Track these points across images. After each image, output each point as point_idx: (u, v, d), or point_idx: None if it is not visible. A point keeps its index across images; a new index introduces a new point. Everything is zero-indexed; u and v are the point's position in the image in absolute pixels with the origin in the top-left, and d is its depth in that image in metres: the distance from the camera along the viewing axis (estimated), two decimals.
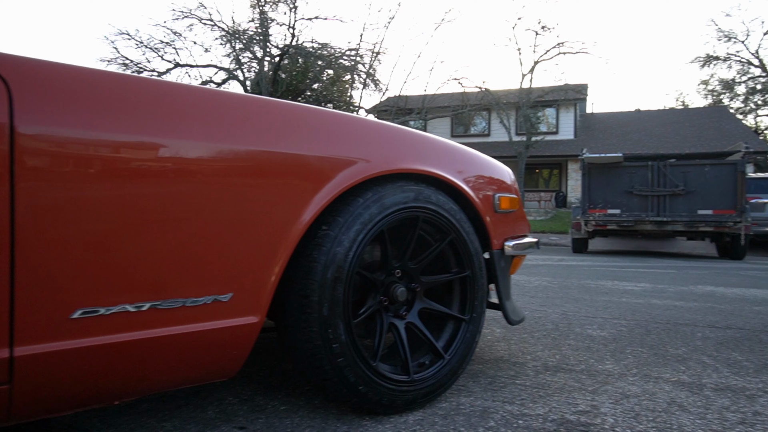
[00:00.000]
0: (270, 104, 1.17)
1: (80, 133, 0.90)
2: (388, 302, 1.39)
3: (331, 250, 1.21)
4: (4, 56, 0.87)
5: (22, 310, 0.87)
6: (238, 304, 1.10)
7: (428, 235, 1.47)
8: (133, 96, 0.98)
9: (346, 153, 1.24)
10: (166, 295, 1.01)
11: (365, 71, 19.27)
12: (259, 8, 18.73)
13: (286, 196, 1.14)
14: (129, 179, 0.95)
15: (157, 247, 0.98)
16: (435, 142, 1.51)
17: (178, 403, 1.41)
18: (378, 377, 1.27)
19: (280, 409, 1.37)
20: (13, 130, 0.84)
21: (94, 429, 1.24)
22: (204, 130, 1.04)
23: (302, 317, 1.20)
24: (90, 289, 0.92)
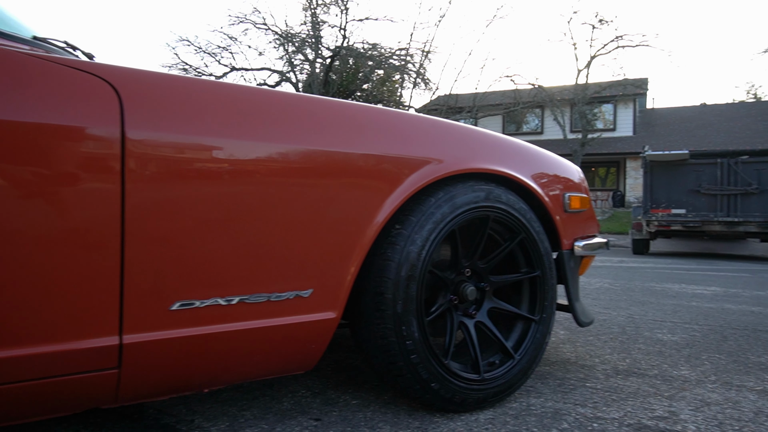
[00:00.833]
0: (348, 107, 1.21)
1: (180, 138, 0.97)
2: (457, 301, 1.40)
3: (404, 248, 1.23)
4: (115, 68, 0.95)
5: (129, 302, 0.94)
6: (318, 299, 1.15)
7: (497, 235, 1.46)
8: (226, 102, 1.04)
9: (420, 153, 1.26)
10: (253, 289, 1.06)
11: (415, 70, 19.26)
12: (311, 11, 19.11)
13: (364, 195, 1.17)
14: (222, 181, 1.01)
15: (246, 244, 1.04)
16: (505, 142, 1.51)
17: (254, 394, 1.48)
18: (450, 375, 1.29)
19: (351, 403, 1.41)
20: (124, 136, 0.91)
21: (180, 415, 1.32)
22: (290, 133, 1.09)
23: (376, 314, 1.23)
24: (187, 283, 0.99)
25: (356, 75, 20.26)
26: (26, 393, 0.91)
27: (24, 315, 0.86)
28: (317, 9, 19.04)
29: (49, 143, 0.86)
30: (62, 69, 0.90)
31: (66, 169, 0.87)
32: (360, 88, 20.71)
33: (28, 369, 0.89)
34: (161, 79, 1.00)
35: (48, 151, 0.86)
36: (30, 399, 0.93)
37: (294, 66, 20.49)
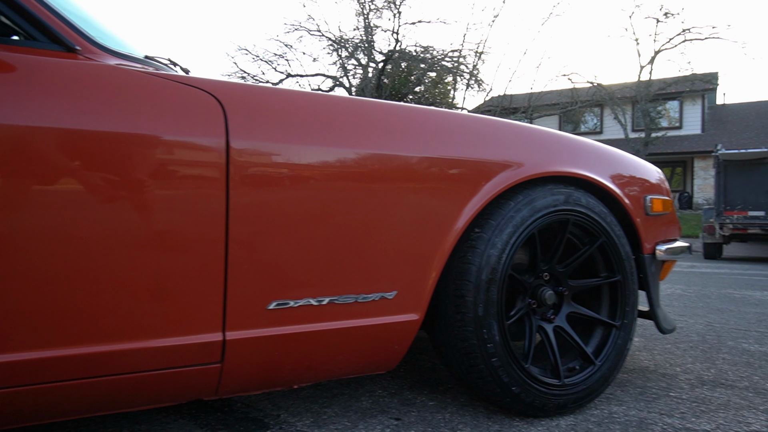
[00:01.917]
0: (432, 113, 1.23)
1: (276, 146, 1.02)
2: (536, 305, 1.39)
3: (485, 252, 1.24)
4: (218, 82, 1.01)
5: (231, 301, 1.00)
6: (402, 301, 1.17)
7: (576, 239, 1.44)
8: (317, 110, 1.09)
9: (500, 157, 1.26)
10: (342, 291, 1.11)
11: (468, 72, 19.08)
12: (364, 16, 19.36)
13: (446, 199, 1.19)
14: (315, 187, 1.05)
15: (336, 247, 1.08)
16: (583, 144, 1.48)
17: (333, 392, 1.53)
18: (530, 379, 1.28)
19: (429, 404, 1.43)
20: (228, 146, 0.97)
21: (266, 410, 1.39)
22: (377, 139, 1.13)
23: (457, 317, 1.24)
24: (283, 283, 1.04)
25: (408, 78, 20.31)
26: (138, 383, 0.99)
27: (141, 311, 0.94)
28: (370, 14, 19.27)
29: (165, 154, 0.93)
30: (175, 85, 0.97)
31: (178, 177, 0.94)
32: (412, 91, 20.74)
33: (141, 361, 0.97)
34: (258, 91, 1.06)
35: (164, 161, 0.93)
36: (141, 389, 1.01)
37: (347, 71, 20.81)
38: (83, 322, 0.90)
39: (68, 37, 0.95)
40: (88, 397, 0.97)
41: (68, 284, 0.88)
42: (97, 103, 0.90)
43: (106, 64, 0.96)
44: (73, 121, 0.87)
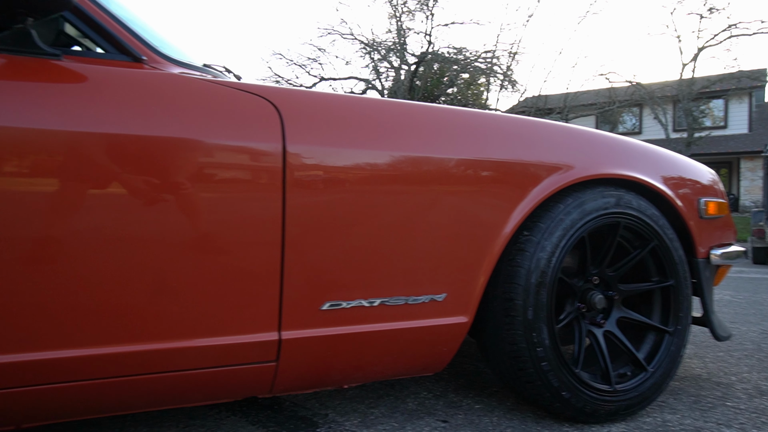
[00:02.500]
0: (479, 116, 1.24)
1: (330, 150, 1.04)
2: (585, 309, 1.37)
3: (534, 255, 1.23)
4: (275, 88, 1.04)
5: (287, 301, 1.03)
6: (451, 304, 1.18)
7: (626, 242, 1.41)
8: (368, 115, 1.11)
9: (550, 159, 1.25)
10: (393, 292, 1.12)
11: (502, 72, 18.87)
12: (396, 18, 19.41)
13: (496, 202, 1.19)
14: (366, 190, 1.07)
15: (388, 249, 1.10)
16: (633, 145, 1.45)
17: (378, 393, 1.54)
18: (580, 384, 1.26)
19: (475, 408, 1.43)
20: (285, 150, 1.00)
21: (314, 409, 1.41)
22: (427, 142, 1.14)
23: (506, 320, 1.24)
24: (336, 285, 1.06)
25: (441, 80, 20.24)
26: (199, 380, 1.03)
27: (203, 311, 0.97)
28: (402, 16, 19.30)
29: (226, 159, 0.97)
30: (234, 92, 1.01)
31: (238, 182, 0.98)
32: (444, 92, 20.66)
33: (203, 358, 1.00)
34: (313, 96, 1.09)
35: (224, 166, 0.97)
36: (201, 385, 1.05)
37: (380, 74, 20.90)
38: (151, 320, 0.94)
39: (135, 48, 0.99)
40: (152, 392, 1.02)
41: (138, 285, 0.92)
42: (162, 110, 0.94)
43: (170, 72, 1.00)
44: (140, 128, 0.92)
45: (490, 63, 19.06)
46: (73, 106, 0.87)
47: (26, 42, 0.88)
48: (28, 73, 0.88)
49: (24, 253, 0.85)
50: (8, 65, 0.88)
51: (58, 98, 0.87)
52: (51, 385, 0.92)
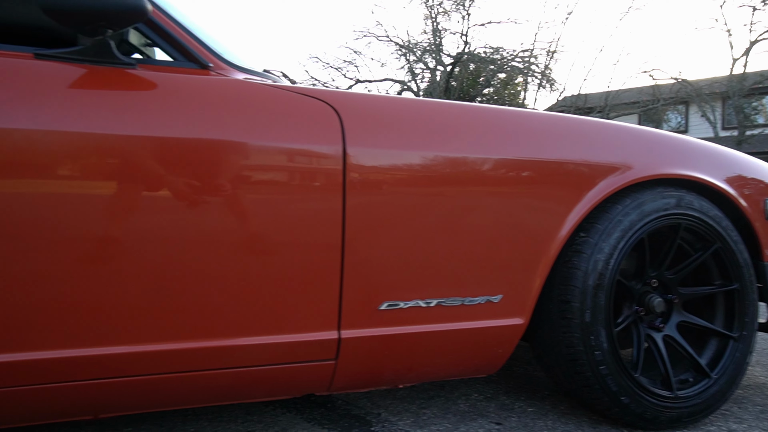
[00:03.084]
0: (536, 116, 1.23)
1: (391, 153, 1.06)
2: (643, 313, 1.34)
3: (591, 257, 1.21)
4: (335, 92, 1.07)
5: (347, 300, 1.05)
6: (507, 305, 1.17)
7: (687, 244, 1.37)
8: (425, 117, 1.12)
9: (608, 159, 1.23)
10: (449, 293, 1.12)
11: (540, 72, 18.54)
12: (432, 19, 19.36)
13: (552, 203, 1.18)
14: (424, 191, 1.08)
15: (444, 250, 1.10)
16: (694, 144, 1.41)
17: (429, 394, 1.54)
18: (640, 389, 1.23)
19: (528, 411, 1.41)
20: (345, 152, 1.02)
21: (366, 408, 1.43)
22: (483, 144, 1.14)
23: (562, 322, 1.22)
24: (394, 285, 1.08)
25: (477, 80, 20.06)
26: (261, 376, 1.06)
27: (266, 309, 1.00)
28: (438, 17, 19.24)
29: (288, 162, 1.00)
30: (296, 96, 1.03)
31: (301, 184, 1.00)
32: (480, 93, 20.47)
33: (266, 355, 1.03)
34: (371, 99, 1.11)
35: (287, 169, 1.00)
36: (263, 381, 1.08)
37: (415, 75, 20.89)
38: (218, 318, 0.98)
39: (202, 55, 1.04)
40: (216, 388, 1.05)
41: (208, 284, 0.96)
42: (230, 115, 0.98)
43: (235, 78, 1.04)
44: (210, 132, 0.95)
45: (528, 62, 18.76)
46: (149, 112, 0.92)
47: (106, 53, 0.94)
48: (108, 82, 0.93)
49: (115, 252, 0.90)
50: (90, 75, 0.93)
51: (135, 105, 0.92)
52: (124, 378, 0.97)
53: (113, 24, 0.90)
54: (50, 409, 0.98)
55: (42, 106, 0.87)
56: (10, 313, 0.87)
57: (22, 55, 0.91)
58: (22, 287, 0.87)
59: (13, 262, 0.86)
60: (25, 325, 0.88)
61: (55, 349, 0.91)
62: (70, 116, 0.88)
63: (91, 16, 0.86)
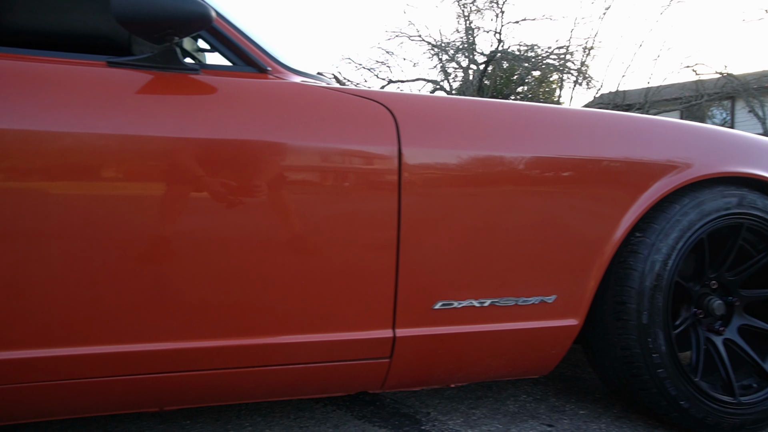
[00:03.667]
0: (591, 115, 1.21)
1: (445, 153, 1.07)
2: (702, 315, 1.30)
3: (648, 257, 1.19)
4: (389, 93, 1.08)
5: (401, 299, 1.06)
6: (561, 306, 1.16)
7: (748, 245, 1.33)
8: (478, 116, 1.12)
9: (666, 157, 1.20)
10: (503, 293, 1.12)
11: (576, 69, 18.13)
12: (464, 17, 19.20)
13: (608, 202, 1.16)
14: (479, 191, 1.08)
15: (498, 250, 1.10)
16: (757, 142, 1.36)
17: (476, 394, 1.54)
18: (700, 394, 1.20)
19: (579, 413, 1.39)
20: (400, 153, 1.03)
21: (415, 407, 1.43)
22: (537, 143, 1.13)
23: (617, 323, 1.20)
24: (448, 284, 1.08)
25: (510, 79, 19.78)
26: (316, 373, 1.08)
27: (323, 307, 1.02)
28: (471, 15, 19.06)
29: (346, 163, 1.02)
30: (352, 98, 1.05)
31: (358, 185, 1.02)
32: (514, 91, 20.17)
33: (323, 352, 1.05)
34: (425, 100, 1.12)
35: (345, 170, 1.01)
36: (318, 378, 1.10)
37: (448, 74, 20.77)
38: (279, 316, 1.00)
39: (261, 60, 1.07)
40: (274, 383, 1.08)
41: (271, 282, 0.99)
42: (289, 117, 1.00)
43: (293, 81, 1.07)
44: (270, 135, 0.98)
45: (564, 59, 18.38)
46: (215, 116, 0.95)
47: (172, 59, 0.97)
48: (175, 87, 0.97)
49: (182, 251, 0.94)
50: (157, 80, 0.97)
51: (202, 109, 0.95)
52: (188, 373, 1.00)
53: (180, 31, 0.94)
54: (120, 401, 1.02)
55: (116, 111, 0.91)
56: (88, 308, 0.91)
57: (96, 63, 0.96)
58: (105, 285, 0.91)
59: (89, 261, 0.90)
60: (96, 320, 0.93)
61: (126, 343, 0.95)
62: (142, 120, 0.92)
63: (162, 24, 0.90)
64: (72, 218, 0.88)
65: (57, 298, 0.90)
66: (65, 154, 0.88)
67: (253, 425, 1.31)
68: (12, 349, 0.88)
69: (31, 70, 0.91)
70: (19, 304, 0.88)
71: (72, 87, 0.91)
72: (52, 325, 0.90)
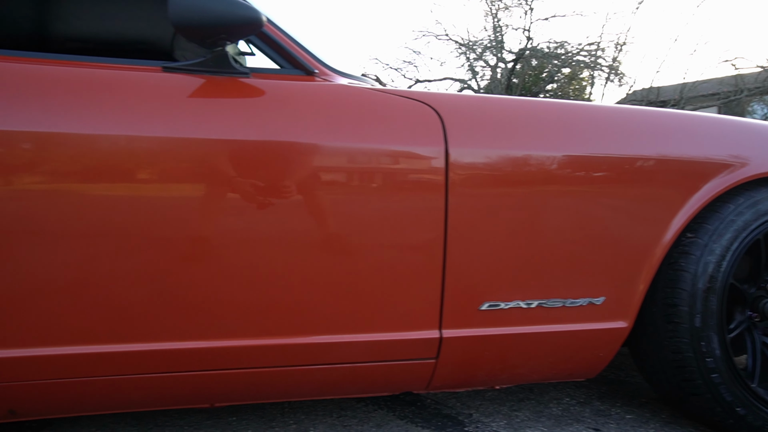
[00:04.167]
0: (640, 112, 1.19)
1: (492, 153, 1.06)
2: (758, 319, 1.25)
3: (701, 259, 1.15)
4: (435, 94, 1.08)
5: (448, 300, 1.06)
6: (610, 308, 1.14)
7: None
8: (527, 116, 1.11)
9: (720, 156, 1.17)
10: (550, 294, 1.10)
11: (608, 65, 17.73)
12: (492, 15, 18.99)
13: (658, 202, 1.13)
14: (526, 191, 1.07)
15: (546, 250, 1.09)
16: None
17: (518, 397, 1.52)
18: (758, 401, 1.16)
19: (626, 417, 1.36)
20: (447, 153, 1.03)
21: (456, 408, 1.43)
22: (587, 142, 1.11)
23: (668, 326, 1.17)
24: (495, 285, 1.07)
25: (539, 76, 19.47)
26: (363, 373, 1.09)
27: (371, 307, 1.03)
28: (498, 13, 18.84)
29: (393, 163, 1.02)
30: (398, 99, 1.05)
31: (405, 185, 1.02)
32: (543, 89, 19.86)
33: (370, 353, 1.06)
34: (470, 100, 1.11)
35: (392, 171, 1.02)
36: (365, 378, 1.11)
37: (475, 73, 20.59)
38: (329, 315, 1.01)
39: (308, 62, 1.08)
40: (320, 382, 1.09)
41: (319, 283, 1.00)
42: (337, 118, 1.01)
43: (339, 83, 1.07)
44: (318, 137, 0.99)
45: (595, 55, 17.99)
46: (266, 118, 0.97)
47: (224, 63, 1.00)
48: (227, 90, 0.99)
49: (237, 251, 0.96)
50: (209, 84, 0.99)
51: (254, 111, 0.97)
52: (240, 370, 1.02)
53: (232, 36, 0.96)
54: (174, 396, 1.05)
55: (172, 115, 0.94)
56: (154, 306, 0.94)
57: (151, 68, 0.98)
58: (166, 285, 0.94)
59: (153, 261, 0.93)
60: (152, 318, 0.95)
61: (181, 340, 0.98)
62: (196, 123, 0.94)
63: (215, 29, 0.92)
64: (138, 219, 0.91)
65: (127, 296, 0.93)
66: (127, 157, 0.91)
67: (297, 422, 1.33)
68: (86, 344, 0.92)
69: (93, 77, 0.94)
70: (92, 301, 0.92)
71: (131, 92, 0.94)
72: (120, 321, 0.94)
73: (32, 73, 0.92)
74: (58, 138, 0.89)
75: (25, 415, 0.97)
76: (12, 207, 0.87)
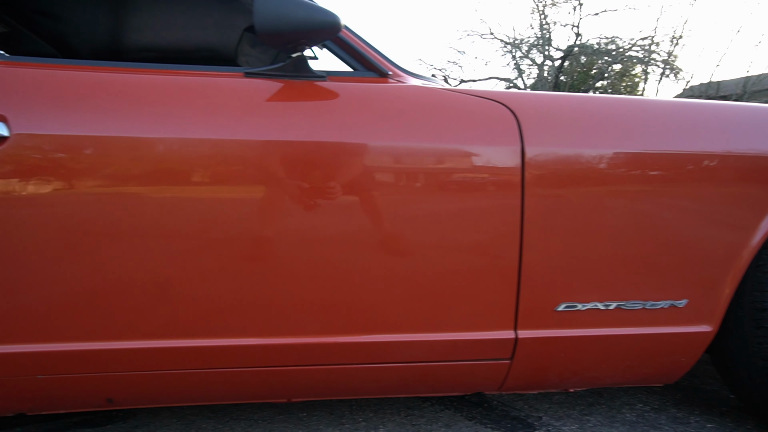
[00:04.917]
0: (725, 107, 1.14)
1: (568, 152, 1.04)
2: None
3: None
4: (509, 93, 1.07)
5: (524, 300, 1.04)
6: (693, 311, 1.09)
7: None
8: (603, 114, 1.08)
9: None
10: (630, 296, 1.07)
11: (662, 59, 16.99)
12: (539, 12, 18.57)
13: (744, 203, 1.08)
14: (605, 191, 1.04)
15: (625, 251, 1.06)
16: None
17: (588, 401, 1.49)
18: None
19: (707, 426, 1.30)
20: (523, 152, 1.02)
21: (524, 410, 1.41)
22: (666, 139, 1.07)
23: (758, 332, 1.11)
24: (572, 286, 1.05)
25: (588, 73, 18.89)
26: (437, 372, 1.09)
27: (448, 306, 1.03)
28: (545, 9, 18.40)
29: (469, 163, 1.02)
30: (472, 99, 1.05)
31: (481, 185, 1.02)
32: (593, 86, 19.24)
33: (445, 352, 1.06)
34: (546, 98, 1.09)
35: (468, 170, 1.02)
36: (439, 377, 1.11)
37: (521, 71, 20.19)
38: (402, 314, 1.02)
39: (381, 65, 1.09)
40: (395, 379, 1.10)
41: (397, 283, 1.01)
42: (411, 119, 1.02)
43: (412, 84, 1.08)
44: (395, 138, 1.00)
45: (648, 50, 17.29)
46: (345, 120, 0.99)
47: (303, 67, 1.02)
48: (306, 93, 1.02)
49: (308, 250, 0.99)
50: (288, 88, 1.02)
51: (332, 114, 1.00)
52: (316, 367, 1.05)
53: (312, 41, 0.98)
54: (252, 391, 1.09)
55: (255, 119, 0.97)
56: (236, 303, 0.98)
57: (234, 74, 1.03)
58: (247, 282, 0.98)
59: (245, 259, 0.97)
60: (228, 314, 0.99)
61: (257, 336, 1.01)
62: (278, 126, 0.97)
63: (296, 35, 0.95)
64: (227, 219, 0.95)
65: (216, 294, 0.97)
66: (214, 160, 0.95)
67: (366, 420, 1.34)
68: (176, 339, 0.97)
69: (182, 84, 0.99)
70: (182, 298, 0.97)
71: (217, 97, 0.98)
72: (207, 318, 0.98)
73: (129, 81, 0.98)
74: (149, 142, 0.94)
75: (121, 404, 1.03)
76: (119, 208, 0.92)
